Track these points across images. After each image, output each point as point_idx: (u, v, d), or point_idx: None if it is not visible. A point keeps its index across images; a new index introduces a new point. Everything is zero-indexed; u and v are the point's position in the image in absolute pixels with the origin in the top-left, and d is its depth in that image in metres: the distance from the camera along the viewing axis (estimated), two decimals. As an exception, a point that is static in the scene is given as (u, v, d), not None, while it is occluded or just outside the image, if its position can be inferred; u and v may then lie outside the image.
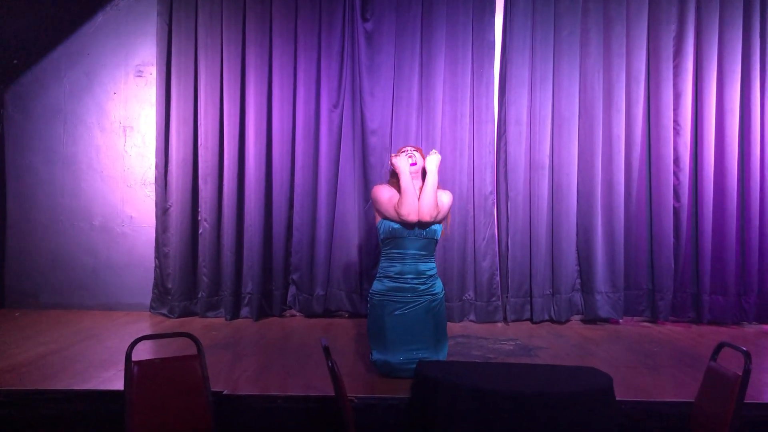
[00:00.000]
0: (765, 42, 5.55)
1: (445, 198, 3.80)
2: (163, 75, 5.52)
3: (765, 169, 5.52)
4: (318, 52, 5.53)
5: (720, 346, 2.82)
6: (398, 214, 3.63)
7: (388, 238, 3.69)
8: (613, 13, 5.52)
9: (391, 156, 3.90)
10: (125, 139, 5.73)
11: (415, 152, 3.82)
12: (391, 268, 3.67)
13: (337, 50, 5.53)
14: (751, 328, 5.44)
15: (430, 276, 3.69)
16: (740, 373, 2.54)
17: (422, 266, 3.68)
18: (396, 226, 3.65)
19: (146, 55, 5.70)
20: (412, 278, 3.64)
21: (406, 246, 3.67)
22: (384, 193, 3.73)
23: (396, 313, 3.59)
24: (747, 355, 2.56)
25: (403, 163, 3.74)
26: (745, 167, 5.54)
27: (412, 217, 3.61)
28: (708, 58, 5.52)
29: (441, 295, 3.72)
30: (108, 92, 5.74)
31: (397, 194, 3.69)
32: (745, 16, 5.53)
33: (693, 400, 2.88)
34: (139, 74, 5.73)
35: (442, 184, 5.36)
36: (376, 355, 3.62)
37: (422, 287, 3.64)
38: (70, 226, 5.72)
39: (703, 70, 5.54)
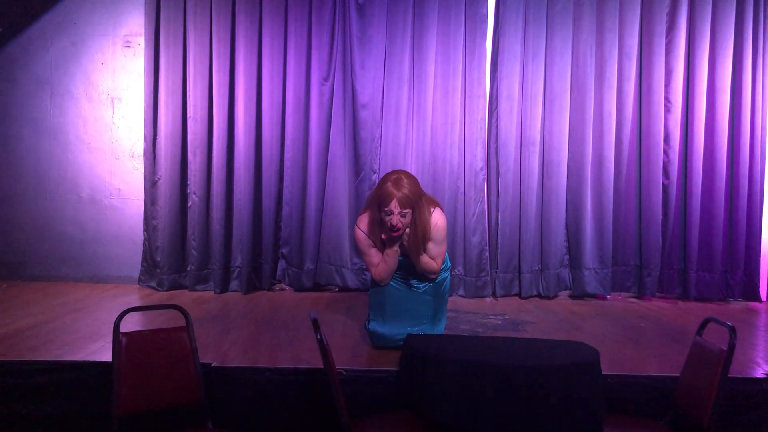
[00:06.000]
0: (758, 20, 5.52)
1: (440, 226, 3.52)
2: (152, 45, 5.44)
3: (754, 147, 5.53)
4: (309, 23, 5.46)
5: (706, 322, 2.85)
6: (372, 274, 3.58)
7: None
8: (607, -13, 5.48)
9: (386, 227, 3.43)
10: (113, 110, 5.67)
11: (402, 219, 3.34)
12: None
13: (328, 22, 5.47)
14: (737, 305, 5.49)
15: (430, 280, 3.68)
16: (725, 348, 2.57)
17: (418, 280, 3.66)
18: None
19: (134, 25, 5.61)
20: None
21: (407, 279, 3.62)
22: (363, 241, 3.56)
23: (398, 289, 3.60)
24: (732, 331, 2.59)
25: (393, 245, 3.46)
26: (735, 145, 5.55)
27: (384, 284, 3.58)
28: (700, 35, 5.50)
29: (447, 272, 3.70)
30: (95, 62, 5.66)
31: (373, 245, 3.53)
32: (738, -8, 5.51)
33: (678, 375, 2.92)
34: (127, 44, 5.65)
35: (432, 161, 5.44)
36: (374, 326, 3.62)
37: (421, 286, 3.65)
38: (58, 198, 5.67)
39: (696, 47, 5.51)
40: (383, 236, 3.48)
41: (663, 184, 5.55)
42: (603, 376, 2.95)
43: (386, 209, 3.34)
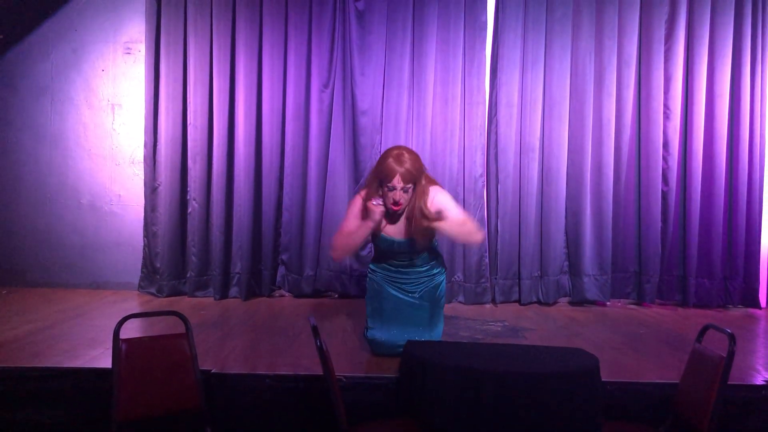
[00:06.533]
0: (756, 27, 5.53)
1: (443, 194, 3.59)
2: (152, 52, 5.46)
3: (753, 154, 5.53)
4: (309, 30, 5.48)
5: (705, 328, 2.85)
6: (334, 239, 3.57)
7: (380, 251, 3.66)
8: (606, -5, 5.50)
9: (374, 195, 3.48)
10: (113, 117, 5.68)
11: (404, 194, 3.38)
12: (390, 266, 3.65)
13: (328, 29, 5.49)
14: (736, 312, 5.48)
15: (433, 262, 3.69)
16: (724, 355, 2.57)
17: (423, 259, 3.66)
18: (385, 246, 3.59)
19: (135, 32, 5.63)
20: (416, 272, 3.65)
21: (402, 259, 3.62)
22: (356, 207, 3.55)
23: (395, 295, 3.60)
24: (731, 337, 2.58)
25: (375, 213, 3.39)
26: (734, 152, 5.55)
27: (335, 255, 3.62)
28: (699, 43, 5.51)
29: (443, 275, 3.71)
30: (96, 69, 5.67)
31: (360, 217, 3.49)
32: (737, 0, 5.52)
33: (678, 382, 2.92)
34: (128, 51, 5.66)
35: (432, 168, 5.44)
36: (372, 333, 3.62)
37: (423, 269, 3.65)
38: (58, 205, 5.67)
39: (694, 54, 5.53)
40: (371, 203, 3.43)
41: (662, 190, 5.56)
42: (602, 382, 2.95)
43: (389, 185, 3.36)
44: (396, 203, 3.39)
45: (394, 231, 3.55)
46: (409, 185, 3.38)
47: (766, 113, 5.58)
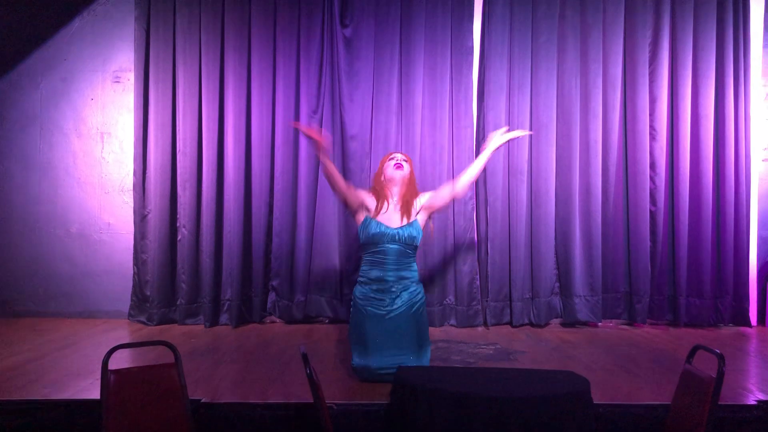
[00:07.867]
0: (738, 48, 5.63)
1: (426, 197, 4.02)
2: (141, 81, 5.49)
3: (739, 173, 5.59)
4: (297, 57, 5.54)
5: (695, 349, 2.86)
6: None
7: (368, 244, 3.74)
8: (590, 20, 5.57)
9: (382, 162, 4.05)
10: (103, 145, 5.69)
11: (404, 162, 3.98)
12: (372, 273, 3.70)
13: (317, 56, 5.54)
14: (728, 330, 5.50)
15: (413, 281, 3.73)
16: (714, 376, 2.57)
17: (404, 273, 3.71)
18: (375, 231, 3.71)
19: (124, 60, 5.67)
20: (394, 282, 3.67)
21: (386, 252, 3.71)
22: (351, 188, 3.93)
23: (377, 318, 3.60)
24: (721, 358, 2.59)
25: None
26: (720, 171, 5.61)
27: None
28: (683, 65, 5.59)
29: (423, 300, 3.74)
30: (85, 98, 5.70)
31: (368, 198, 3.92)
32: (718, 23, 5.60)
33: (669, 403, 2.92)
34: (117, 80, 5.69)
35: (422, 189, 5.45)
36: (357, 360, 3.62)
37: (404, 292, 3.67)
38: (47, 233, 5.66)
39: (678, 76, 5.61)
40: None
41: (650, 210, 5.60)
42: (594, 405, 2.95)
43: (390, 158, 3.98)
44: (398, 166, 3.90)
45: (386, 219, 3.79)
46: (407, 160, 3.98)
47: (750, 132, 5.66)
